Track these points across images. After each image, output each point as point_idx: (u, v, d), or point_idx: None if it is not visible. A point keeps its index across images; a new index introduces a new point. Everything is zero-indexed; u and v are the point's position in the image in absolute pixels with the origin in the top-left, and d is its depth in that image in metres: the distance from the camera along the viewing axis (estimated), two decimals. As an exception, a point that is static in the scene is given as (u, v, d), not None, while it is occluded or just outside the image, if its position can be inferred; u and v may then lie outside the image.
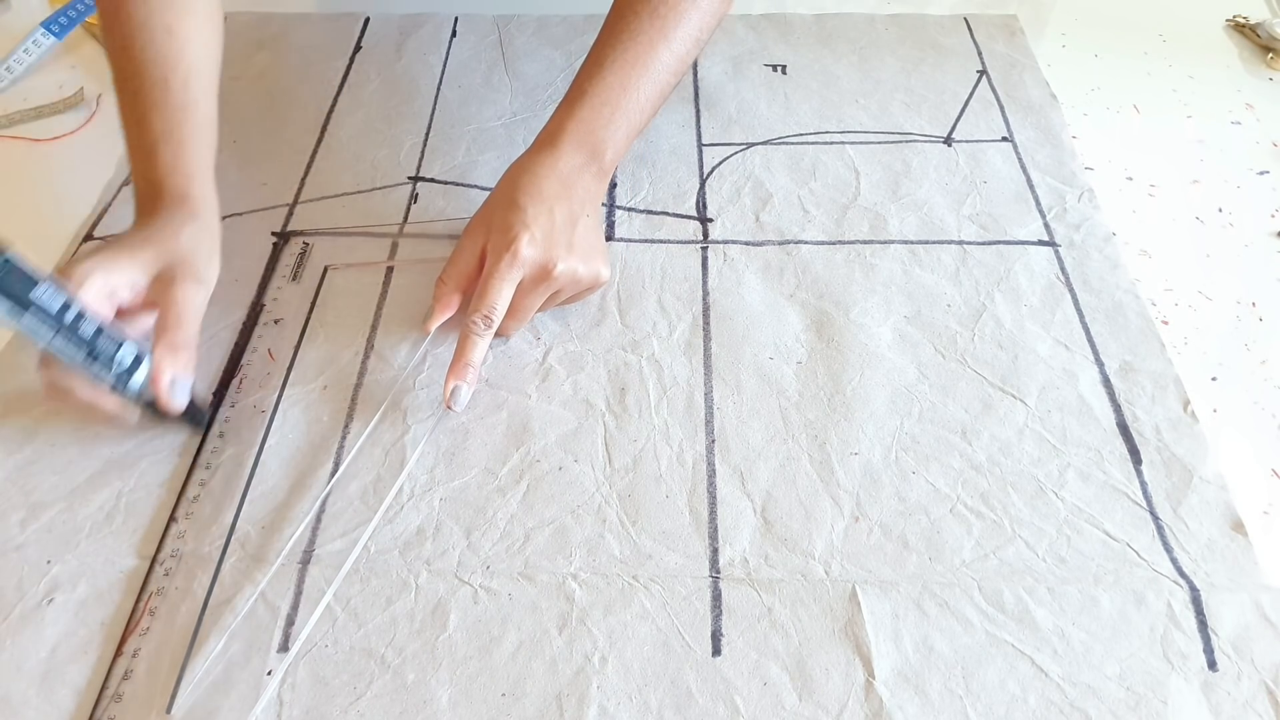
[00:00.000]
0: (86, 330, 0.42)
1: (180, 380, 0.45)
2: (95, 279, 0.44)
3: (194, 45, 0.53)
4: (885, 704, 0.39)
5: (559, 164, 0.51)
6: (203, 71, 0.53)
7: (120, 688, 0.40)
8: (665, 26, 0.54)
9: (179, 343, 0.45)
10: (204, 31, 0.54)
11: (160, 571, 0.44)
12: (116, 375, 0.44)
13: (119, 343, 0.44)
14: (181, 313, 0.46)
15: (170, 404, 0.45)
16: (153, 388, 0.45)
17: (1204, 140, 0.67)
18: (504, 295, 0.48)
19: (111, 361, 0.43)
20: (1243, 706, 0.39)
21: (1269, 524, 0.45)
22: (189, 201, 0.50)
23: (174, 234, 0.48)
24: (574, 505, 0.46)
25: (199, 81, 0.53)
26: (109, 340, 0.43)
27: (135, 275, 0.46)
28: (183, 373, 0.45)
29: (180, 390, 0.45)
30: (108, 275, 0.44)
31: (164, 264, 0.47)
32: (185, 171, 0.50)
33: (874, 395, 0.50)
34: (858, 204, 0.61)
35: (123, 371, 0.44)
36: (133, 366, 0.44)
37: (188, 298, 0.46)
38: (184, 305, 0.46)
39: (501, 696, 0.40)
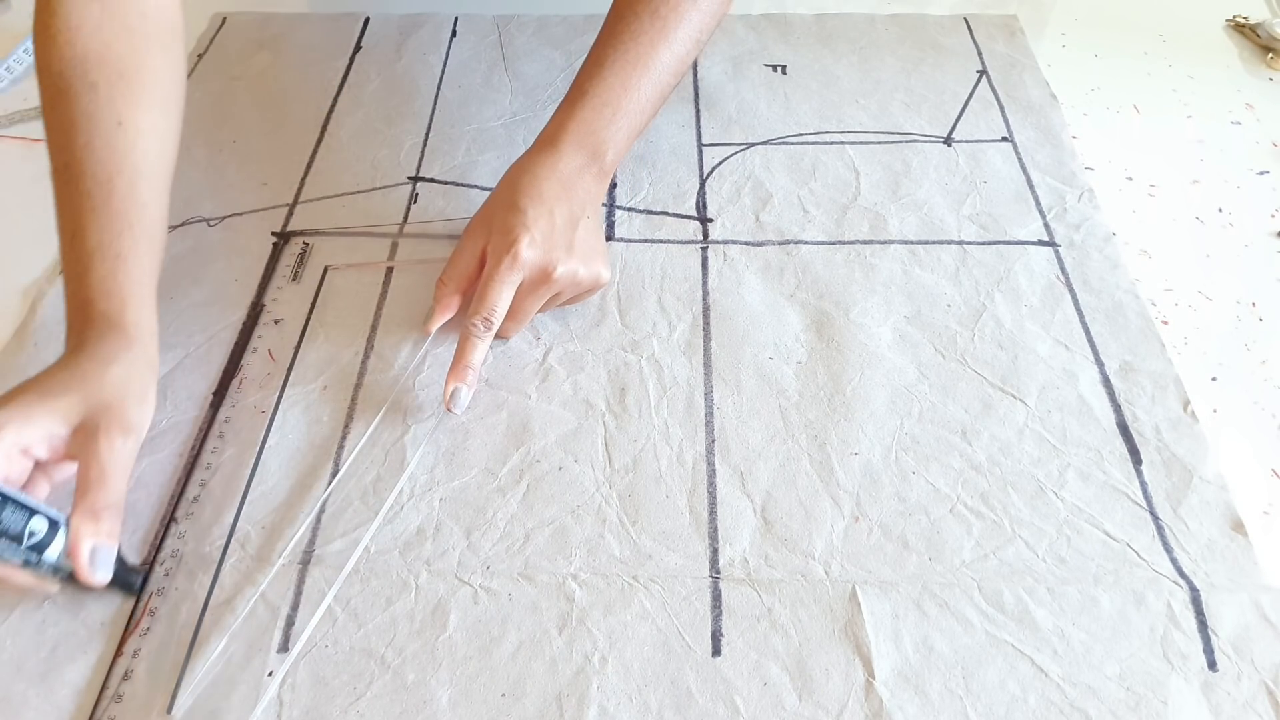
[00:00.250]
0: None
1: (102, 549, 0.40)
2: (6, 435, 0.39)
3: (146, 140, 0.48)
4: (885, 704, 0.39)
5: (559, 165, 0.51)
6: (153, 171, 0.48)
7: (120, 688, 0.40)
8: (666, 27, 0.54)
9: (100, 506, 0.40)
10: (159, 125, 0.49)
11: (160, 572, 0.44)
12: (27, 550, 0.39)
13: (30, 512, 0.39)
14: (104, 469, 0.40)
15: (90, 577, 0.40)
16: (71, 559, 0.39)
17: (1204, 140, 0.67)
18: (504, 297, 0.48)
19: (20, 536, 0.39)
20: (1243, 707, 0.39)
21: (1269, 524, 0.45)
22: (122, 328, 0.44)
23: (100, 372, 0.42)
24: (574, 505, 0.46)
25: (147, 183, 0.47)
26: (17, 511, 0.39)
27: (53, 427, 0.40)
28: (105, 540, 0.40)
29: (102, 561, 0.40)
30: (20, 431, 0.39)
31: (86, 411, 0.41)
32: (120, 292, 0.44)
33: (874, 395, 0.50)
34: (858, 204, 0.61)
35: (34, 545, 0.39)
36: (48, 536, 0.39)
37: (112, 451, 0.41)
38: (107, 461, 0.40)
39: (501, 697, 0.40)
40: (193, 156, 0.65)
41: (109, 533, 0.40)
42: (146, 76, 0.49)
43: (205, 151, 0.66)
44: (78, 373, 0.42)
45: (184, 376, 0.52)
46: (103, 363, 0.42)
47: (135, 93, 0.48)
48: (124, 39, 0.48)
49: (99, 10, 0.48)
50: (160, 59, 0.50)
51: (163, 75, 0.50)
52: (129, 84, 0.48)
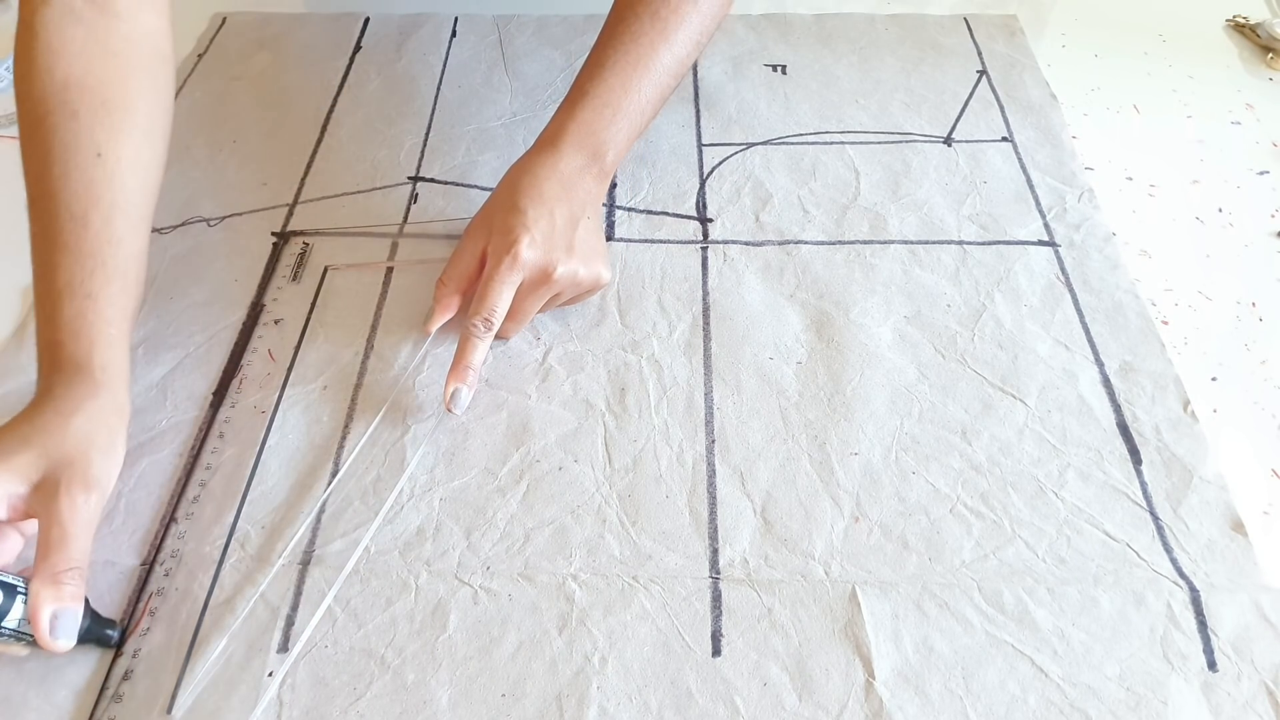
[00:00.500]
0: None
1: (64, 615, 0.38)
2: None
3: (125, 173, 0.46)
4: (885, 704, 0.39)
5: (560, 165, 0.51)
6: (131, 204, 0.46)
7: (120, 688, 0.40)
8: (666, 28, 0.54)
9: (60, 569, 0.38)
10: (142, 155, 0.47)
11: (160, 572, 0.44)
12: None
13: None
14: (65, 530, 0.38)
15: (51, 645, 0.38)
16: (32, 626, 0.37)
17: (1204, 140, 0.67)
18: (504, 298, 0.48)
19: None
20: (1243, 707, 0.39)
21: (1269, 524, 0.45)
22: (89, 372, 0.42)
23: (62, 425, 0.40)
24: (574, 505, 0.46)
25: (125, 216, 0.46)
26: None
27: (12, 486, 0.39)
28: (68, 604, 0.38)
29: (64, 627, 0.38)
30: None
31: (47, 468, 0.39)
32: (89, 333, 0.43)
33: (874, 395, 0.50)
34: (858, 204, 0.61)
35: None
36: (5, 604, 0.37)
37: (74, 510, 0.39)
38: (68, 520, 0.38)
39: (501, 697, 0.40)
40: (193, 156, 0.65)
41: (71, 596, 0.38)
42: (130, 104, 0.47)
43: (205, 151, 0.66)
44: (39, 425, 0.40)
45: (184, 376, 0.52)
46: (65, 414, 0.41)
47: (117, 121, 0.46)
48: (107, 65, 0.47)
49: (82, 34, 0.46)
50: (145, 86, 0.48)
51: (147, 103, 0.48)
52: (110, 112, 0.46)
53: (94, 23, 0.47)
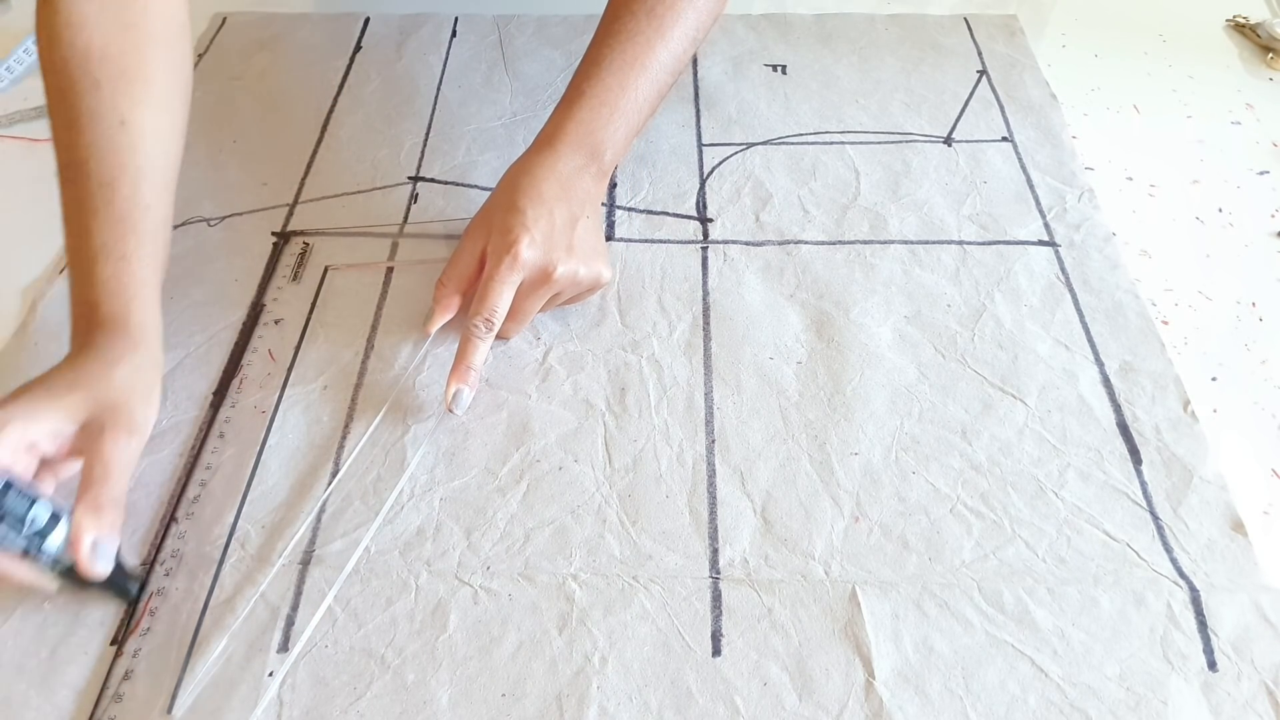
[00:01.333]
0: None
1: (103, 543, 0.40)
2: (13, 430, 0.40)
3: (149, 140, 0.48)
4: (885, 704, 0.39)
5: (558, 165, 0.51)
6: (157, 170, 0.48)
7: (121, 688, 0.40)
8: (662, 26, 0.53)
9: (103, 501, 0.40)
10: (162, 124, 0.49)
11: (160, 572, 0.44)
12: (28, 537, 0.39)
13: (31, 500, 0.39)
14: (109, 467, 0.41)
15: (91, 569, 0.40)
16: (71, 551, 0.40)
17: (1204, 140, 0.67)
18: (504, 298, 0.48)
19: (22, 522, 0.39)
20: (1243, 707, 0.39)
21: (1269, 524, 0.45)
22: (128, 329, 0.44)
23: (106, 373, 0.43)
24: (574, 505, 0.46)
25: (151, 183, 0.47)
26: (19, 498, 0.39)
27: (59, 424, 0.41)
28: (107, 534, 0.40)
29: (103, 554, 0.40)
30: (27, 426, 0.40)
31: (92, 410, 0.42)
32: (126, 292, 0.45)
33: (874, 395, 0.50)
34: (858, 204, 0.61)
35: (35, 533, 0.39)
36: (48, 527, 0.40)
37: (117, 450, 0.41)
38: (111, 459, 0.41)
39: (501, 697, 0.40)
40: (193, 156, 0.65)
41: (111, 526, 0.40)
42: (149, 74, 0.48)
43: (205, 151, 0.66)
44: (84, 372, 0.42)
45: (184, 376, 0.52)
46: (109, 363, 0.43)
47: (137, 91, 0.48)
48: (125, 36, 0.48)
49: (97, 7, 0.48)
50: (163, 57, 0.50)
51: (166, 73, 0.50)
52: (130, 82, 0.47)
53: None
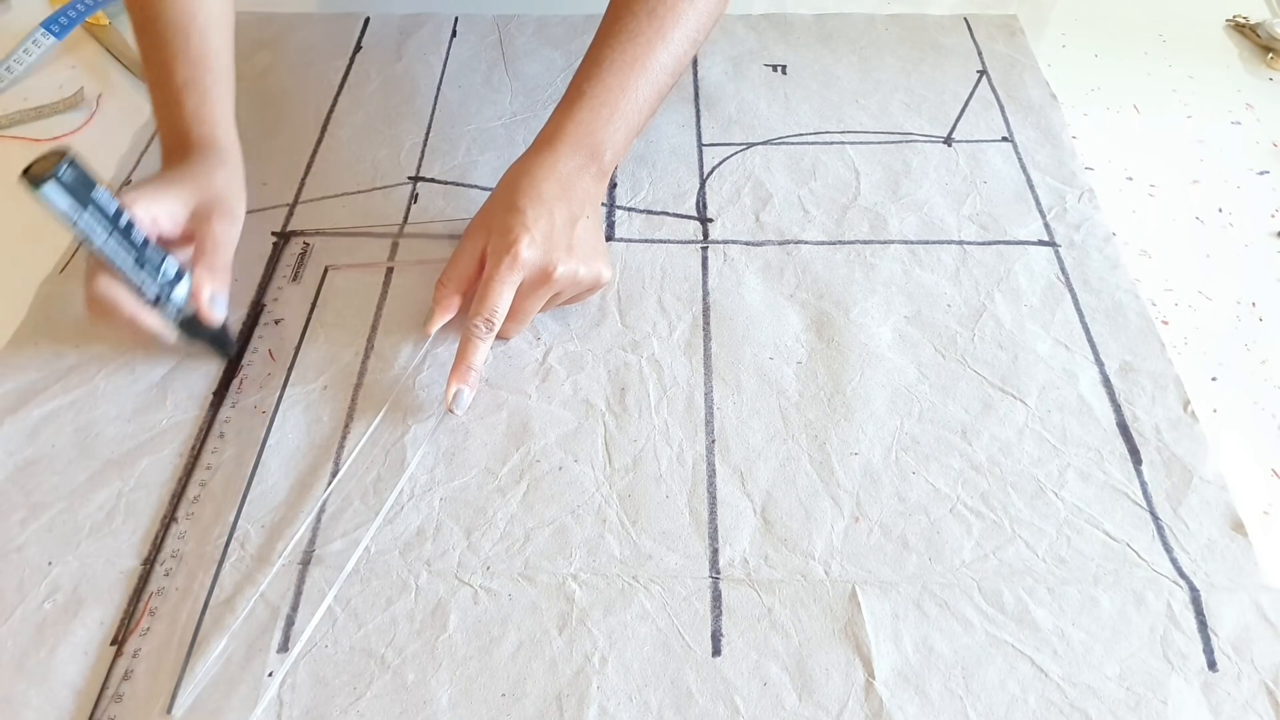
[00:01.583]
0: (137, 237, 0.45)
1: (219, 295, 0.49)
2: (141, 206, 0.47)
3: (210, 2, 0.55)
4: (885, 704, 0.39)
5: (558, 165, 0.51)
6: (219, 25, 0.55)
7: (120, 688, 0.40)
8: (663, 27, 0.53)
9: (220, 266, 0.49)
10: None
11: (160, 572, 0.44)
12: (161, 285, 0.47)
13: (164, 254, 0.47)
14: (218, 241, 0.49)
15: (211, 316, 0.49)
16: (194, 300, 0.48)
17: (1204, 140, 0.67)
18: (505, 298, 0.48)
19: (158, 270, 0.47)
20: (1243, 707, 0.39)
21: (1269, 524, 0.45)
22: (216, 148, 0.52)
23: (207, 175, 0.51)
24: (574, 505, 0.46)
25: (216, 35, 0.55)
26: (156, 251, 0.46)
27: (175, 207, 0.49)
28: (220, 289, 0.49)
29: (219, 305, 0.49)
30: (150, 204, 0.48)
31: (200, 200, 0.50)
32: (210, 119, 0.53)
33: (874, 395, 0.50)
34: (858, 204, 0.61)
35: (167, 282, 0.47)
36: (175, 279, 0.48)
37: (223, 229, 0.50)
38: (220, 236, 0.50)
39: (501, 697, 0.40)
40: (193, 156, 0.65)
41: (223, 284, 0.50)
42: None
43: (205, 151, 0.66)
44: (190, 173, 0.51)
45: (184, 376, 0.52)
46: (208, 170, 0.51)
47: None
48: None
49: None
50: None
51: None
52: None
53: None
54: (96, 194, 0.43)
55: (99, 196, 0.43)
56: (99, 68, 0.74)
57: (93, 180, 0.43)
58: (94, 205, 0.43)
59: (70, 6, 0.74)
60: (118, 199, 0.44)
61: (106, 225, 0.44)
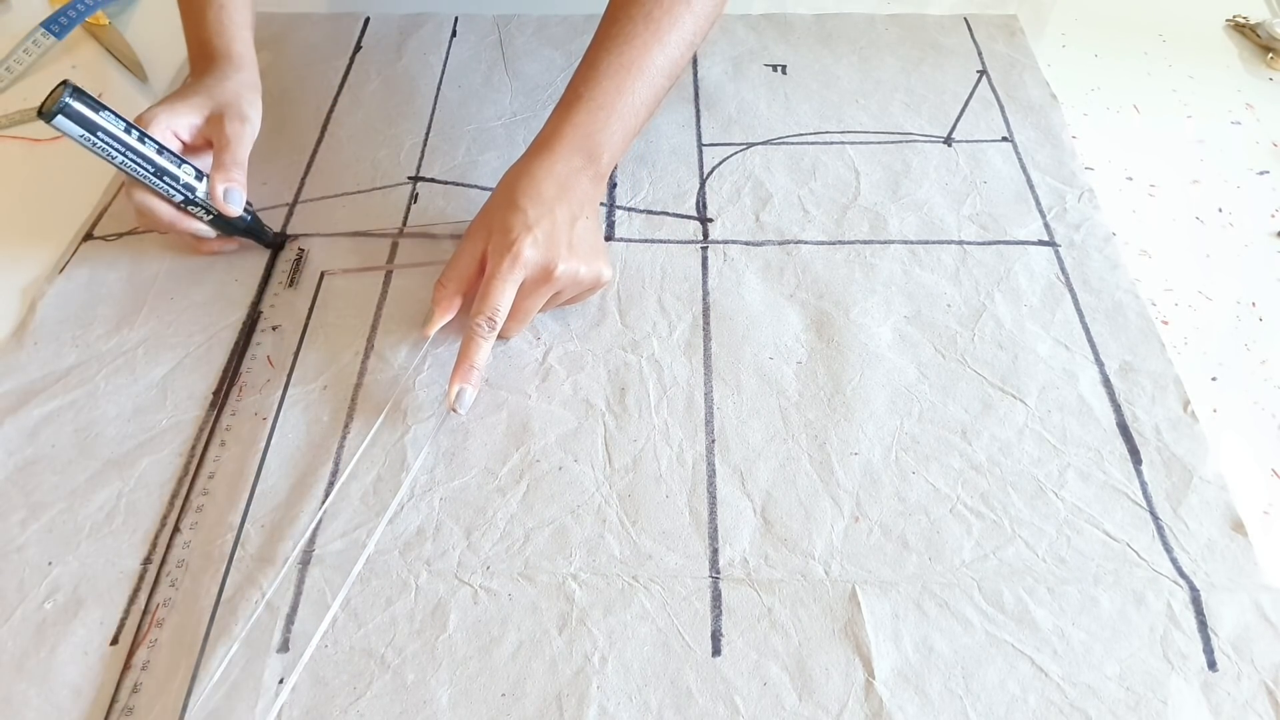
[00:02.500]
0: (149, 149, 0.50)
1: (233, 189, 0.53)
2: (159, 122, 0.53)
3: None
4: (885, 704, 0.39)
5: (555, 167, 0.51)
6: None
7: (130, 701, 0.40)
8: (659, 30, 0.53)
9: (230, 163, 0.54)
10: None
11: (166, 581, 0.43)
12: (184, 189, 0.52)
13: (179, 161, 0.52)
14: (231, 140, 0.54)
15: (226, 209, 0.53)
16: (211, 198, 0.53)
17: (1204, 140, 0.67)
18: (506, 297, 0.48)
19: (176, 178, 0.52)
20: (1243, 706, 0.39)
21: (1269, 524, 0.45)
22: (232, 58, 0.58)
23: (220, 84, 0.56)
24: (574, 505, 0.46)
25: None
26: (170, 158, 0.52)
27: (192, 118, 0.54)
28: (235, 184, 0.53)
29: (234, 198, 0.53)
30: (171, 118, 0.53)
31: (214, 107, 0.55)
32: (228, 32, 0.59)
33: (874, 395, 0.50)
34: (858, 204, 0.61)
35: (188, 185, 0.52)
36: (196, 181, 0.52)
37: (236, 131, 0.54)
38: (233, 136, 0.54)
39: (501, 696, 0.40)
40: (193, 156, 0.65)
41: (237, 180, 0.54)
42: None
43: (205, 151, 0.66)
44: (205, 84, 0.56)
45: (184, 377, 0.52)
46: (221, 78, 0.57)
47: None
48: None
49: None
50: None
51: None
52: None
53: None
54: (104, 117, 0.48)
55: (106, 120, 0.48)
56: (99, 68, 0.74)
57: (99, 105, 0.49)
58: (102, 130, 0.48)
59: (70, 6, 0.74)
60: (126, 119, 0.50)
61: (118, 145, 0.49)
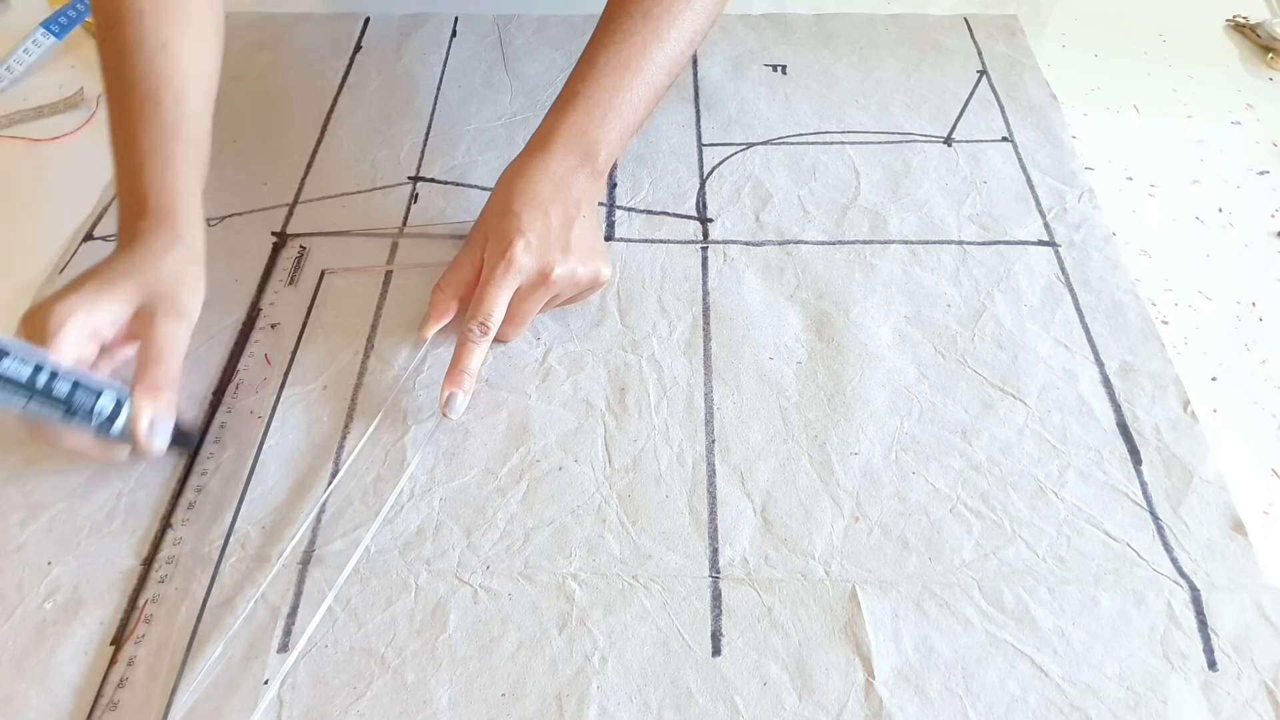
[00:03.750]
0: (61, 389, 0.41)
1: (159, 421, 0.44)
2: (78, 319, 0.43)
3: (188, 61, 0.51)
4: (885, 704, 0.39)
5: (551, 166, 0.51)
6: (196, 89, 0.52)
7: (116, 695, 0.40)
8: (659, 27, 0.53)
9: (158, 382, 0.44)
10: (200, 47, 0.53)
11: (155, 578, 0.43)
12: (97, 426, 0.43)
13: (97, 392, 0.43)
14: (162, 349, 0.45)
15: (148, 448, 0.44)
16: (133, 429, 0.44)
17: (1204, 140, 0.67)
18: (500, 302, 0.48)
19: (91, 414, 0.42)
20: (1243, 706, 0.39)
21: (1269, 524, 0.45)
22: (174, 222, 0.48)
23: (156, 262, 0.46)
24: (574, 505, 0.46)
25: (191, 99, 0.51)
26: (87, 393, 0.42)
27: (117, 311, 0.44)
28: (162, 413, 0.44)
29: (159, 432, 0.44)
30: (90, 314, 0.43)
31: (145, 297, 0.45)
32: (171, 189, 0.48)
33: (874, 395, 0.50)
34: (858, 204, 0.61)
35: (103, 420, 0.43)
36: (114, 413, 0.43)
37: (168, 334, 0.45)
38: (164, 341, 0.45)
39: (501, 696, 0.40)
40: (193, 156, 0.65)
41: (166, 405, 0.44)
42: (186, 5, 0.53)
43: (205, 151, 0.66)
44: (136, 262, 0.46)
45: (183, 377, 0.52)
46: (158, 254, 0.46)
47: (177, 19, 0.52)
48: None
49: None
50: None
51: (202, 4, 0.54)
52: (171, 11, 0.52)
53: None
54: (4, 366, 0.40)
55: (8, 370, 0.40)
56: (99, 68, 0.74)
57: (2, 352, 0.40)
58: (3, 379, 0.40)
59: (70, 6, 0.74)
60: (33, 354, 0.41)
61: (23, 393, 0.41)
